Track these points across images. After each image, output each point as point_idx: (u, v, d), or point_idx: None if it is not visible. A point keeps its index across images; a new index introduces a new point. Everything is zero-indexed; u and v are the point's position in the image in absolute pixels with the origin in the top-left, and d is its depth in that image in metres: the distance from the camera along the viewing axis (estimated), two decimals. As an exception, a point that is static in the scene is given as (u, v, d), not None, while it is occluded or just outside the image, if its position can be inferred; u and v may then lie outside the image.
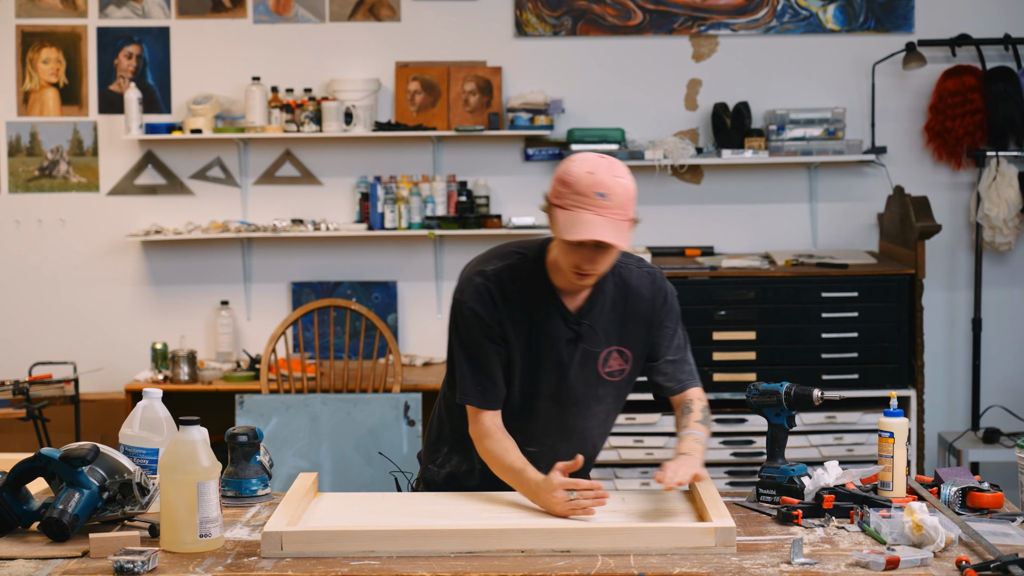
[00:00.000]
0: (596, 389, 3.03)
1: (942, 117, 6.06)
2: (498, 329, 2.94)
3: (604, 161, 2.85)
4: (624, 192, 2.82)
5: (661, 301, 3.04)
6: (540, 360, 2.98)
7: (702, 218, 6.21)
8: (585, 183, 2.80)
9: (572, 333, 2.97)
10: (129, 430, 3.00)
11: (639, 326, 3.02)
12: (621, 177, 2.83)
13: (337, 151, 6.22)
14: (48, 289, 6.26)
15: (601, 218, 2.80)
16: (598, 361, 3.01)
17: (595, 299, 2.98)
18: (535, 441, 3.03)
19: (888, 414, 2.86)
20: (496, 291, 2.94)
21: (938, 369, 6.19)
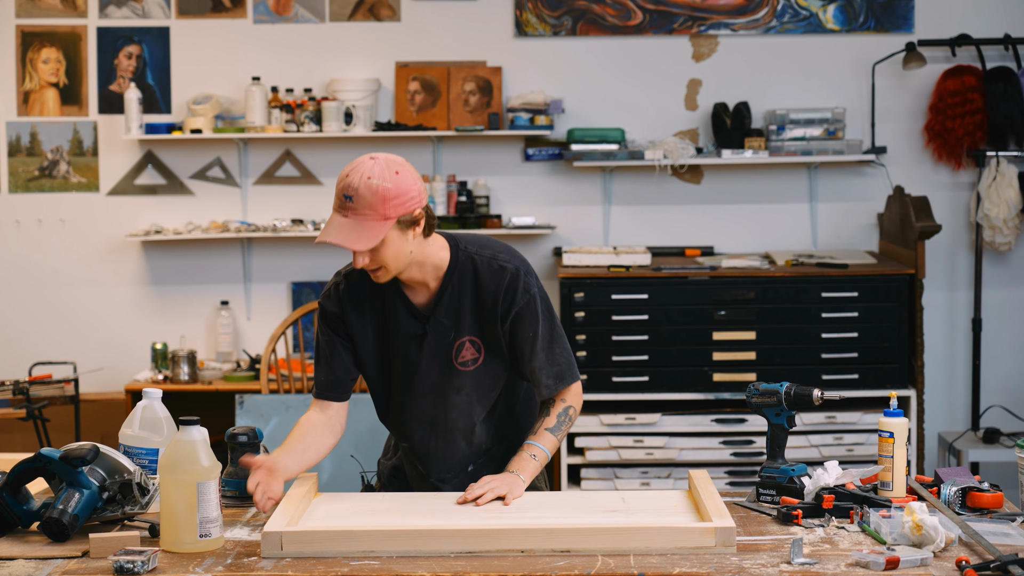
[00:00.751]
0: (451, 380, 3.05)
1: (942, 117, 6.06)
2: (343, 327, 3.04)
3: (368, 163, 2.88)
4: (371, 192, 2.83)
5: (509, 299, 3.00)
6: (393, 355, 3.05)
7: (702, 218, 6.21)
8: (340, 185, 2.87)
9: (419, 327, 3.03)
10: (129, 430, 3.00)
11: (488, 318, 3.02)
12: (374, 178, 2.84)
13: (337, 151, 6.22)
14: (48, 289, 6.26)
15: (346, 219, 2.85)
16: (451, 352, 3.03)
17: (443, 292, 3.02)
18: (407, 436, 3.13)
19: (888, 414, 2.86)
20: (346, 290, 3.04)
21: (938, 369, 6.19)
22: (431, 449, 3.10)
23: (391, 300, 3.03)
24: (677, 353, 5.61)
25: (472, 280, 3.02)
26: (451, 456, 3.11)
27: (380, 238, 2.85)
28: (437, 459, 3.11)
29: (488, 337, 3.04)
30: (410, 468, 3.18)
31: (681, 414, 5.59)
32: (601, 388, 5.56)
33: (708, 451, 5.56)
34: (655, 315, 5.60)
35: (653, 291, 5.59)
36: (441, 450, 3.10)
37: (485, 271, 3.02)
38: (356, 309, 3.04)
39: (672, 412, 5.60)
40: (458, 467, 3.12)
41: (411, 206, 2.90)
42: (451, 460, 3.12)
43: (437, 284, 3.02)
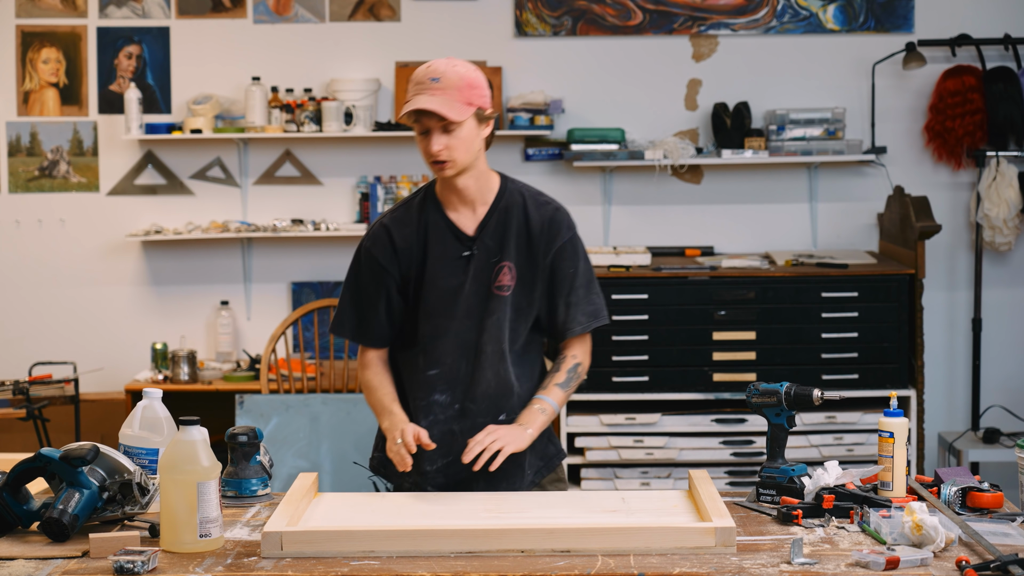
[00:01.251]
0: (487, 303, 3.11)
1: (942, 117, 6.07)
2: (392, 271, 3.11)
3: (447, 59, 3.04)
4: (458, 76, 2.98)
5: (554, 232, 3.12)
6: (438, 278, 3.11)
7: (702, 218, 6.21)
8: (422, 73, 3.00)
9: (465, 249, 3.11)
10: (129, 430, 3.00)
11: (530, 248, 3.12)
12: (459, 66, 3.00)
13: (337, 151, 6.22)
14: (48, 289, 6.26)
15: (432, 97, 2.96)
16: (491, 276, 3.11)
17: (490, 217, 3.12)
18: (436, 362, 3.14)
19: (888, 414, 2.86)
20: (394, 233, 3.12)
21: (938, 369, 6.19)
22: (461, 373, 3.12)
23: (439, 228, 3.11)
24: (677, 353, 5.61)
25: (520, 210, 3.12)
26: (479, 381, 3.12)
27: (466, 117, 2.97)
28: (465, 384, 3.13)
29: (525, 268, 3.12)
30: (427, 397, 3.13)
31: (681, 414, 5.59)
32: (601, 388, 5.56)
33: (708, 451, 5.56)
34: (655, 315, 5.60)
35: (653, 291, 5.59)
36: (470, 375, 3.12)
37: (532, 204, 3.14)
38: (406, 248, 3.11)
39: (672, 412, 5.60)
40: (482, 397, 3.11)
41: (487, 102, 3.03)
42: (479, 387, 3.12)
43: (485, 209, 3.12)
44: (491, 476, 3.07)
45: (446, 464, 3.14)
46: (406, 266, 3.12)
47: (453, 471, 3.13)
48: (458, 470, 3.10)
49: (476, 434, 3.00)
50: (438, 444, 3.09)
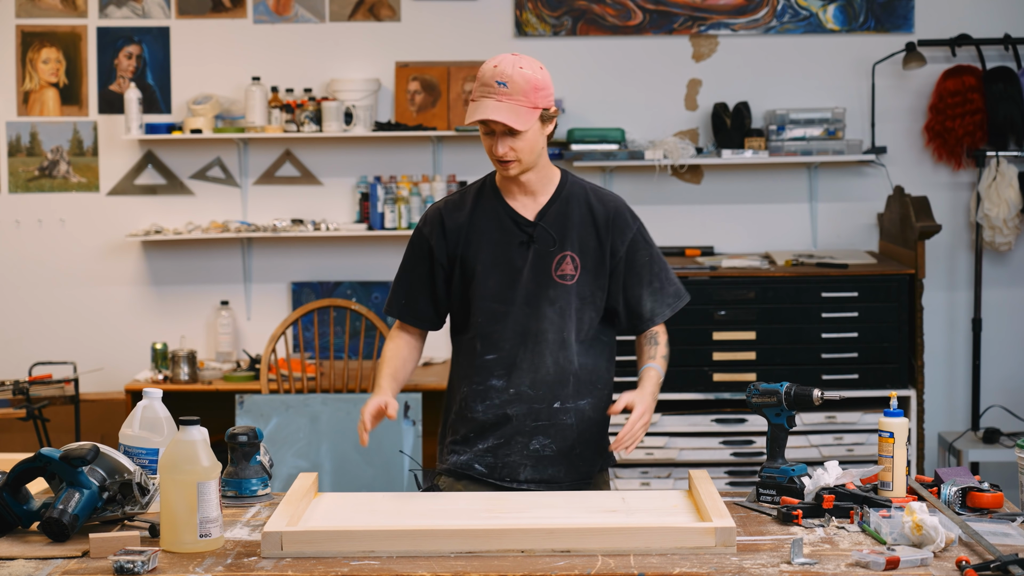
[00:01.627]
0: (547, 291, 3.13)
1: (942, 117, 6.07)
2: (438, 252, 3.16)
3: (513, 56, 3.05)
4: (525, 80, 3.00)
5: (622, 223, 3.18)
6: (495, 264, 3.14)
7: (702, 218, 6.21)
8: (489, 75, 3.02)
9: (525, 236, 3.14)
10: (129, 430, 3.00)
11: (595, 239, 3.16)
12: (525, 68, 3.01)
13: (337, 151, 6.22)
14: (48, 289, 6.26)
15: (499, 103, 2.99)
16: (551, 264, 3.13)
17: (551, 205, 3.16)
18: (495, 347, 3.16)
19: (888, 414, 2.86)
20: (446, 214, 3.18)
21: (938, 369, 6.19)
22: (519, 359, 3.14)
23: (497, 215, 3.16)
24: (677, 353, 5.54)
25: (583, 201, 3.17)
26: (538, 368, 3.14)
27: (531, 124, 3.02)
28: (523, 369, 3.14)
29: (588, 258, 3.15)
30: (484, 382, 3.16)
31: (681, 414, 5.59)
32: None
33: (708, 451, 5.56)
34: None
35: (653, 291, 5.58)
36: (528, 361, 3.14)
37: (594, 196, 3.19)
38: (462, 230, 3.15)
39: (672, 412, 5.60)
40: (539, 384, 3.14)
41: (551, 102, 3.06)
42: (537, 373, 3.14)
43: (546, 198, 3.16)
44: (538, 460, 3.16)
45: (497, 445, 3.17)
46: (454, 248, 3.15)
47: (503, 452, 3.17)
48: (508, 452, 3.16)
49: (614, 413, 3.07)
50: (492, 426, 3.16)
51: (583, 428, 3.19)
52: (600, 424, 3.23)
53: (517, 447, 3.16)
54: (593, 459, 3.23)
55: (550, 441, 3.16)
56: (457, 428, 3.22)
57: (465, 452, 3.19)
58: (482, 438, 3.17)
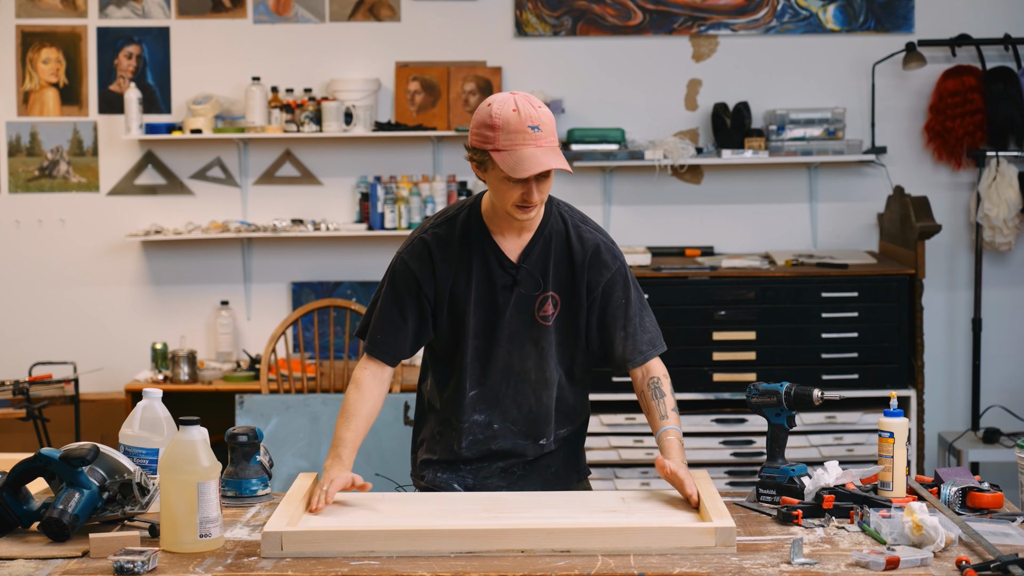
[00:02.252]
0: (529, 330, 3.09)
1: (942, 117, 6.07)
2: (427, 289, 3.06)
3: (521, 96, 2.94)
4: (550, 120, 2.95)
5: (599, 264, 3.09)
6: (479, 304, 3.08)
7: (702, 218, 6.21)
8: (515, 122, 2.90)
9: (509, 278, 3.07)
10: (129, 430, 3.00)
11: (572, 278, 3.09)
12: (541, 107, 2.94)
13: (337, 151, 6.22)
14: (48, 289, 6.26)
15: (541, 149, 2.90)
16: (534, 305, 3.09)
17: (533, 245, 3.08)
18: (477, 383, 3.13)
19: (888, 414, 2.86)
20: (435, 248, 3.07)
21: (938, 369, 6.19)
22: (502, 396, 3.13)
23: (483, 252, 3.07)
24: (677, 353, 5.60)
25: (562, 238, 3.09)
26: (521, 405, 3.14)
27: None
28: (506, 407, 3.13)
29: (566, 296, 3.10)
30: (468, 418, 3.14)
31: (681, 414, 5.55)
32: (601, 388, 5.56)
33: (708, 451, 5.56)
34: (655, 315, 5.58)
35: (653, 291, 5.58)
36: (511, 398, 3.13)
37: (574, 234, 3.11)
38: (447, 266, 3.06)
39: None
40: (522, 421, 3.13)
41: None
42: (520, 410, 3.14)
43: (530, 234, 3.08)
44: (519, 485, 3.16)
45: (478, 468, 3.18)
46: (443, 285, 3.07)
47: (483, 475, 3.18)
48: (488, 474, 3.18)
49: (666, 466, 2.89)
50: (475, 459, 3.16)
51: (562, 452, 3.22)
52: (576, 443, 3.27)
53: (496, 472, 3.18)
54: (568, 475, 3.25)
55: (532, 472, 3.19)
56: (435, 449, 3.21)
57: (444, 471, 3.19)
58: (463, 461, 3.18)
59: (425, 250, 3.07)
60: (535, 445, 3.16)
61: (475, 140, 2.95)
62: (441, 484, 3.19)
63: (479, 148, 2.93)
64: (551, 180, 2.97)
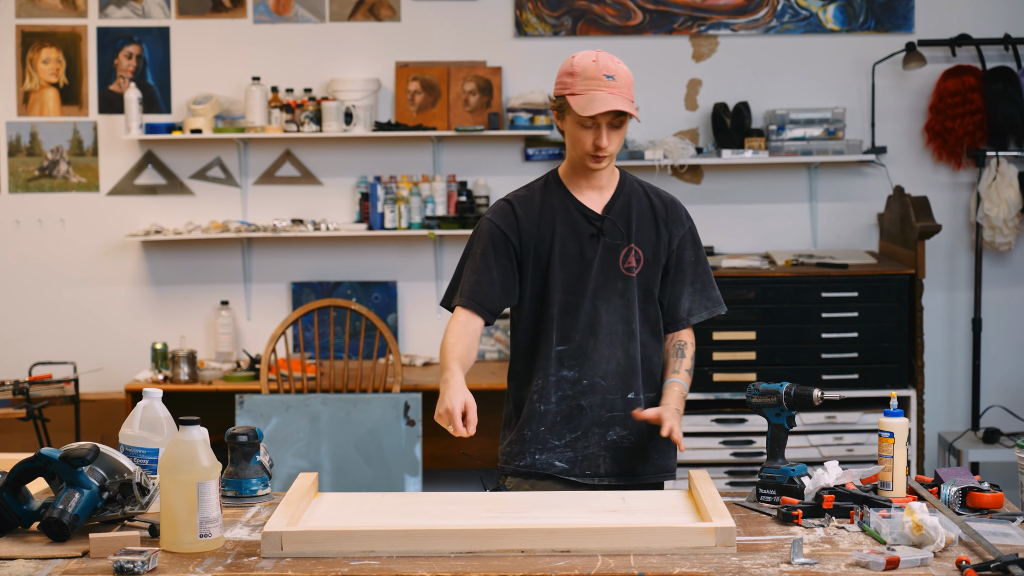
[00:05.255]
0: (615, 283, 3.20)
1: (942, 117, 6.07)
2: (514, 241, 3.20)
3: (603, 53, 3.15)
4: (626, 74, 3.13)
5: (676, 220, 3.26)
6: (565, 256, 3.20)
7: (702, 218, 6.13)
8: (592, 69, 3.10)
9: (594, 228, 3.21)
10: (129, 430, 3.00)
11: (654, 233, 3.24)
12: (620, 64, 3.14)
13: (337, 151, 6.22)
14: (48, 289, 6.26)
15: (613, 95, 3.09)
16: (619, 256, 3.20)
17: (615, 200, 3.23)
18: (565, 338, 3.20)
19: (888, 414, 2.86)
20: (518, 207, 3.22)
21: (938, 369, 6.19)
22: (590, 350, 3.19)
23: (566, 209, 3.21)
24: (677, 353, 5.61)
25: (643, 197, 3.25)
26: (609, 359, 3.20)
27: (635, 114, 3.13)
28: (594, 360, 3.19)
29: (649, 250, 3.23)
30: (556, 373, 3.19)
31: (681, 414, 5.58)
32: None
33: (708, 451, 5.56)
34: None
35: (653, 291, 5.59)
36: (598, 352, 3.19)
37: (652, 192, 3.28)
38: (530, 224, 3.20)
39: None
40: (611, 375, 3.19)
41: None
42: (608, 365, 3.19)
43: (611, 192, 3.24)
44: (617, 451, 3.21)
45: (574, 439, 3.21)
46: (529, 241, 3.20)
47: (581, 445, 3.21)
48: (586, 444, 3.21)
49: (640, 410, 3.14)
50: (566, 419, 3.20)
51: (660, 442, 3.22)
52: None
53: (595, 438, 3.21)
54: (668, 452, 3.27)
55: (628, 432, 3.21)
56: (530, 424, 3.23)
57: (542, 451, 3.22)
58: (557, 434, 3.21)
59: (509, 208, 3.23)
60: (623, 399, 3.20)
61: (556, 89, 3.16)
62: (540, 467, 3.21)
63: (559, 95, 3.14)
64: (623, 134, 3.14)
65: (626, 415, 3.20)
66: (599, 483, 3.20)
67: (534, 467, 3.21)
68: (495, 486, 3.29)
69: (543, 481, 3.21)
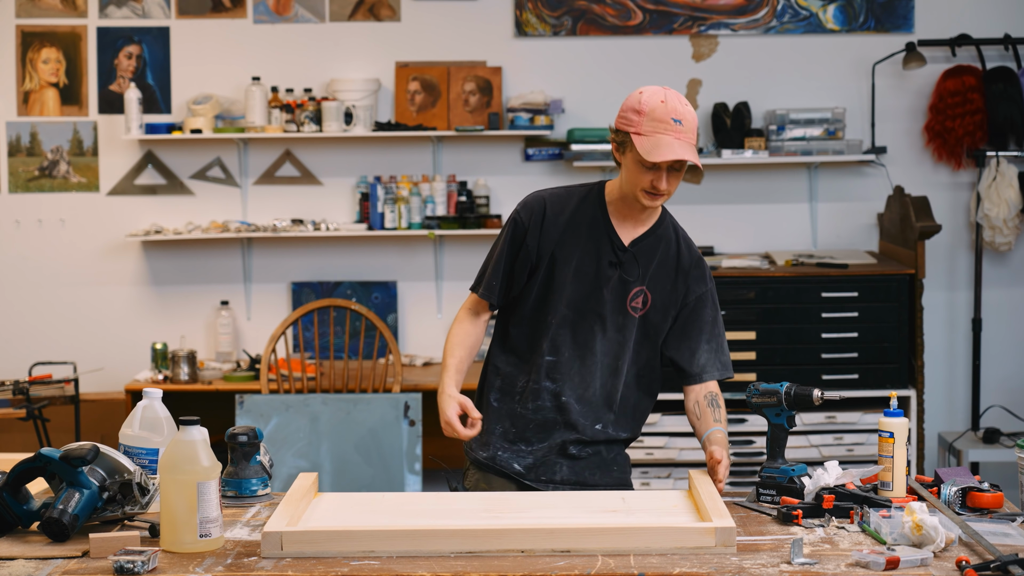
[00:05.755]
0: (618, 317, 3.20)
1: (942, 117, 6.07)
2: (533, 236, 3.20)
3: (671, 92, 3.12)
4: (693, 118, 3.10)
5: (699, 276, 3.25)
6: (580, 272, 3.19)
7: (702, 218, 6.21)
8: (661, 111, 3.07)
9: (615, 258, 3.19)
10: (129, 430, 3.00)
11: (672, 281, 3.23)
12: (688, 105, 3.10)
13: (337, 151, 6.22)
14: (48, 289, 6.26)
15: (679, 141, 3.06)
16: (628, 293, 3.19)
17: (645, 238, 3.22)
18: (555, 350, 3.21)
19: (888, 414, 2.86)
20: (550, 206, 3.23)
21: (938, 369, 6.19)
22: (573, 371, 3.20)
23: (598, 227, 3.21)
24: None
25: (671, 243, 3.24)
26: (587, 386, 3.20)
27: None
28: (574, 382, 3.20)
29: (660, 297, 3.21)
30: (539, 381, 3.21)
31: (681, 414, 5.59)
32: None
33: (708, 451, 5.56)
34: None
35: (653, 291, 5.59)
36: (580, 376, 3.20)
37: (684, 243, 3.27)
38: (558, 225, 3.20)
39: (672, 412, 5.60)
40: (585, 401, 3.20)
41: None
42: (585, 391, 3.20)
43: (644, 229, 3.22)
44: (575, 461, 3.22)
45: (539, 448, 3.23)
46: (548, 241, 3.19)
47: (542, 453, 3.23)
48: (547, 453, 3.22)
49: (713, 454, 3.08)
50: (538, 427, 3.22)
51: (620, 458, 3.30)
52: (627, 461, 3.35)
53: (556, 449, 3.23)
54: (626, 467, 3.32)
55: (590, 453, 3.24)
56: (503, 420, 3.26)
57: (507, 450, 3.24)
58: (526, 439, 3.23)
59: (540, 204, 3.23)
60: (591, 429, 3.21)
61: (620, 123, 3.15)
62: (501, 463, 3.24)
63: (622, 130, 3.13)
64: (680, 177, 3.11)
65: (592, 440, 3.23)
66: (553, 488, 3.22)
67: (494, 462, 3.25)
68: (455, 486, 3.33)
69: (499, 478, 3.25)
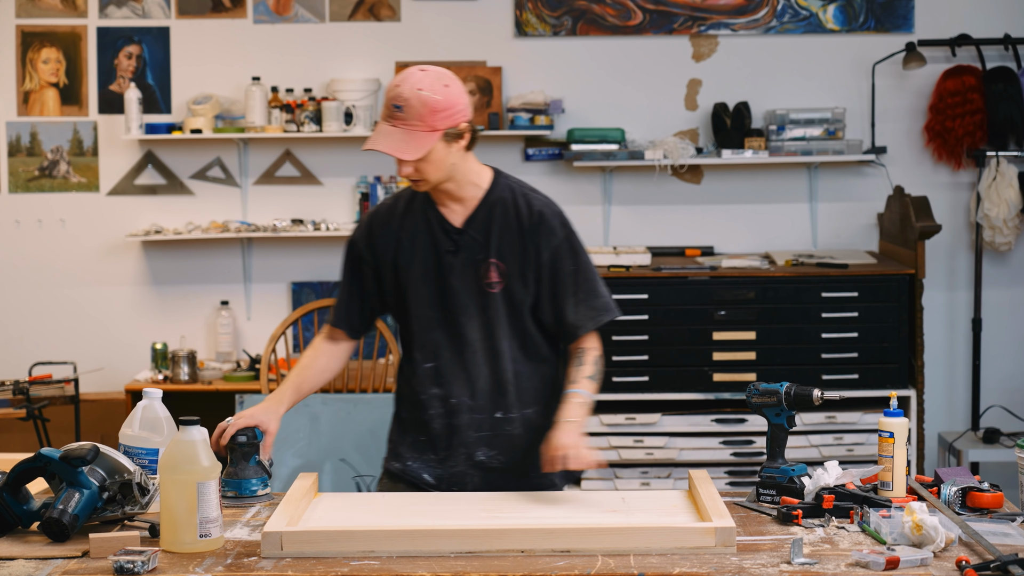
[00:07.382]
0: (476, 299, 3.10)
1: (942, 117, 6.07)
2: (367, 255, 3.14)
3: (420, 72, 2.95)
4: (422, 104, 2.92)
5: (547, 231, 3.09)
6: (426, 272, 3.11)
7: (702, 218, 6.21)
8: (389, 95, 2.96)
9: (451, 244, 3.09)
10: (129, 430, 3.00)
11: (519, 246, 3.09)
12: (424, 90, 2.92)
13: (337, 151, 6.22)
14: (48, 289, 6.26)
15: (395, 129, 2.94)
16: (478, 272, 3.09)
17: (477, 213, 3.10)
18: (433, 355, 3.14)
19: (888, 414, 2.86)
20: (376, 222, 3.16)
21: (938, 369, 6.19)
22: (455, 368, 3.12)
23: (427, 222, 3.11)
24: (677, 353, 5.61)
25: (511, 207, 3.09)
26: (475, 378, 3.12)
27: (427, 149, 2.93)
28: (460, 379, 3.12)
29: (514, 264, 3.09)
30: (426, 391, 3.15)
31: (681, 414, 5.59)
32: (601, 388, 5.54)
33: (708, 451, 5.56)
34: (655, 315, 5.60)
35: (653, 291, 5.59)
36: (463, 370, 3.12)
37: (522, 201, 3.11)
38: (391, 236, 3.12)
39: (672, 412, 5.60)
40: (479, 394, 3.11)
41: (458, 119, 2.97)
42: (475, 383, 3.12)
43: (475, 203, 3.10)
44: (486, 471, 3.13)
45: (444, 457, 3.16)
46: (384, 254, 3.13)
47: (449, 464, 3.16)
48: (453, 464, 3.15)
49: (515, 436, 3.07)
50: (437, 436, 3.14)
51: (532, 438, 3.10)
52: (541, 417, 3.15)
53: (462, 458, 3.14)
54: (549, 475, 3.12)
55: (496, 452, 3.14)
56: (408, 431, 3.20)
57: (416, 460, 3.18)
58: (431, 448, 3.16)
59: (366, 223, 3.18)
60: (491, 419, 3.12)
61: None
62: (411, 473, 3.18)
63: None
64: (430, 163, 2.97)
65: (495, 435, 3.12)
66: None
67: (405, 473, 3.19)
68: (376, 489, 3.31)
69: (411, 489, 3.16)
